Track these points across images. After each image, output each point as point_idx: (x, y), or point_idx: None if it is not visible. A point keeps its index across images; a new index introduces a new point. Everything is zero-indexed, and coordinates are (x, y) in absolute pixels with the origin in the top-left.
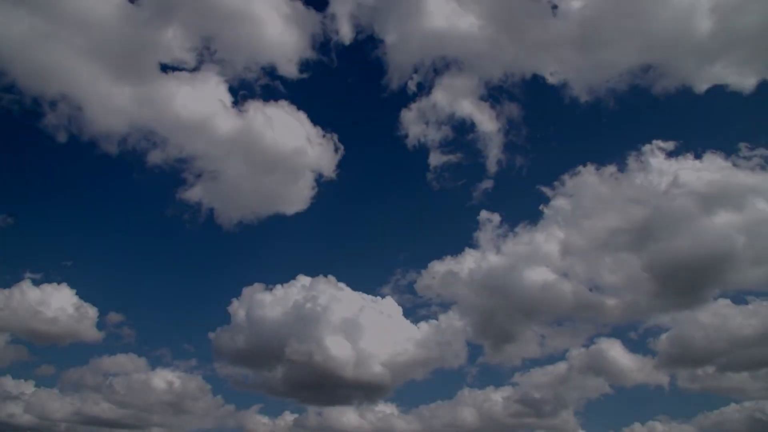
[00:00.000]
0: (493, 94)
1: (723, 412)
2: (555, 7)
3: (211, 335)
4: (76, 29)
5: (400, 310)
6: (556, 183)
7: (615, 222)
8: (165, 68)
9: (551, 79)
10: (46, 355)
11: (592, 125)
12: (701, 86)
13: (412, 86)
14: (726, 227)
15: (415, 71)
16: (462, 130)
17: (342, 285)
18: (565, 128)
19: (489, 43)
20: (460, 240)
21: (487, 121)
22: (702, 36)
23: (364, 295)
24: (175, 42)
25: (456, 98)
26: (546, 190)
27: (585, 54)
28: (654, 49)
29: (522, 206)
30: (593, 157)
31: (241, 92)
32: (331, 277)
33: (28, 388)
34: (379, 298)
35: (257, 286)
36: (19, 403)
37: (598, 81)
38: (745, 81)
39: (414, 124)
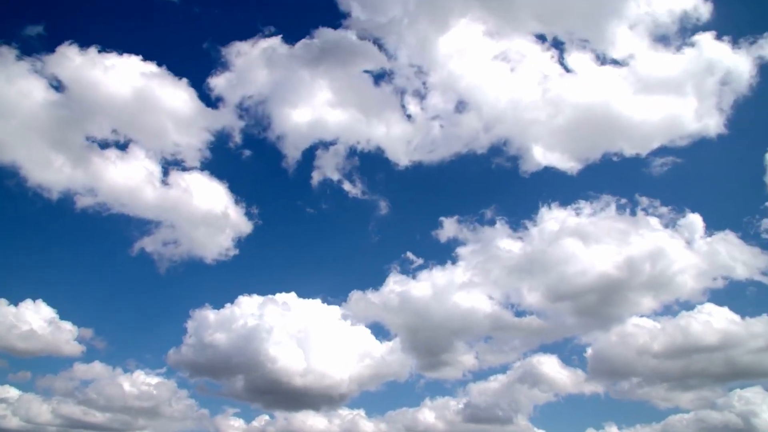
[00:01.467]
0: (362, 168)
1: (668, 422)
2: (404, 106)
3: (164, 356)
4: (12, 109)
5: (347, 320)
6: (433, 233)
7: (511, 261)
8: (94, 143)
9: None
10: (29, 364)
11: (450, 188)
12: (532, 167)
13: (301, 170)
14: (611, 260)
15: (300, 156)
16: (341, 199)
17: (291, 298)
18: (421, 191)
19: (354, 126)
20: (377, 278)
21: (358, 191)
22: (535, 121)
23: (317, 303)
24: (99, 123)
25: (332, 173)
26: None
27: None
28: (492, 132)
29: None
30: (458, 212)
31: (164, 166)
32: (279, 294)
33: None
34: (336, 306)
35: (207, 305)
36: (7, 408)
37: (449, 157)
38: (572, 164)
39: (308, 205)
